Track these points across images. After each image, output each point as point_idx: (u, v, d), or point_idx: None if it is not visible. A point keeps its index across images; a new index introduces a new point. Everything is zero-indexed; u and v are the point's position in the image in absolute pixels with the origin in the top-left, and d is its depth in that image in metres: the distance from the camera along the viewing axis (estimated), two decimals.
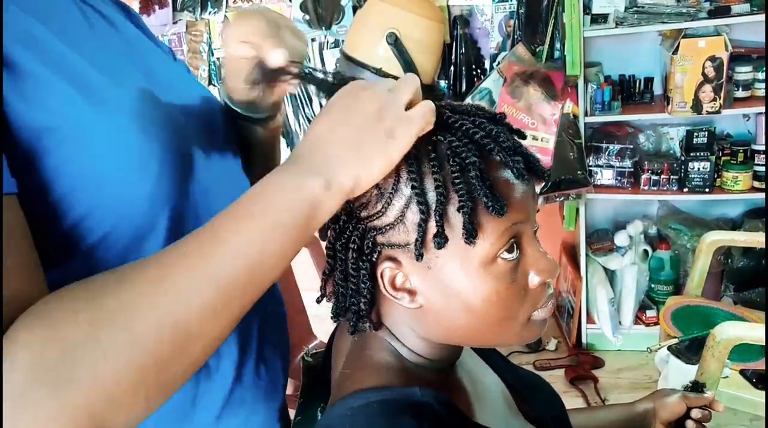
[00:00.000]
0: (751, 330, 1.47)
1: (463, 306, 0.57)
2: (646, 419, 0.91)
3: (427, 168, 0.54)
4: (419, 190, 0.54)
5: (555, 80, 2.26)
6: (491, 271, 0.56)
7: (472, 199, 0.53)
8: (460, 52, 2.45)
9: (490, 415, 0.65)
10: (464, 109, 0.59)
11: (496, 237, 0.55)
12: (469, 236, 0.53)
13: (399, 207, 0.55)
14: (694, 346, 1.63)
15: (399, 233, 0.56)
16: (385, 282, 0.58)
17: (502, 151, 0.55)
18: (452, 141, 0.55)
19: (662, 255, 2.48)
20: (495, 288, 0.56)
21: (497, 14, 2.42)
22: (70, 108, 0.54)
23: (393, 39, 2.02)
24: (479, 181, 0.53)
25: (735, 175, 2.25)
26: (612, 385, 2.36)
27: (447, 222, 0.54)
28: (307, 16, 2.56)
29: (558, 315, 2.80)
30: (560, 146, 2.24)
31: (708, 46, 2.11)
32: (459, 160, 0.54)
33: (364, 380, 0.60)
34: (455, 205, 0.54)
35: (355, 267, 0.58)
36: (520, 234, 0.57)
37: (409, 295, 0.58)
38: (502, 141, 0.55)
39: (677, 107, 2.19)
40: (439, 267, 0.56)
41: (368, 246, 0.57)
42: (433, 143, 0.55)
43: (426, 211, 0.54)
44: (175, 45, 2.75)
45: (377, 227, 0.56)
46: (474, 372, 0.69)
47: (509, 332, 0.59)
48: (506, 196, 0.55)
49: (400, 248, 0.56)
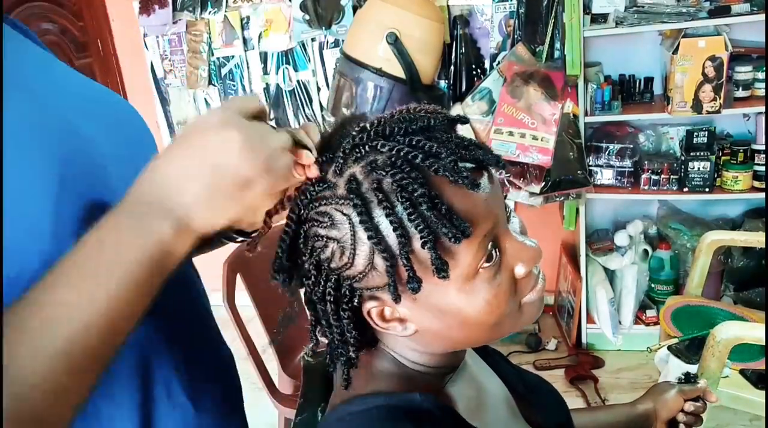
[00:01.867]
0: (751, 330, 1.47)
1: (458, 322, 0.56)
2: (647, 420, 0.90)
3: (378, 211, 0.51)
4: (377, 238, 0.51)
5: (555, 80, 2.26)
6: (477, 283, 0.55)
7: (433, 232, 0.51)
8: (460, 52, 2.45)
9: (491, 420, 0.64)
10: (395, 127, 0.53)
11: (472, 257, 0.53)
12: (440, 271, 0.51)
13: (364, 255, 0.53)
14: (694, 346, 1.64)
15: (373, 278, 0.54)
16: (374, 318, 0.57)
17: (446, 169, 0.51)
18: (395, 173, 0.51)
19: (662, 255, 2.48)
20: (484, 297, 0.55)
21: (497, 14, 2.42)
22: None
23: (393, 39, 2.02)
24: (433, 212, 0.50)
25: (735, 175, 2.25)
26: (612, 385, 2.36)
27: (416, 259, 0.52)
28: (307, 16, 2.56)
29: (558, 315, 2.79)
30: (560, 146, 2.24)
31: (708, 46, 2.11)
32: (407, 194, 0.50)
33: (363, 386, 0.60)
34: (418, 240, 0.51)
35: (336, 318, 0.56)
36: (495, 237, 0.56)
37: (400, 324, 0.57)
38: (444, 156, 0.52)
39: (677, 107, 2.19)
40: (424, 295, 0.54)
41: (345, 294, 0.55)
42: (376, 181, 0.52)
43: (392, 257, 0.52)
44: (175, 45, 2.75)
45: (350, 276, 0.54)
46: (476, 376, 0.69)
47: (507, 325, 0.59)
48: (466, 212, 0.52)
49: (380, 289, 0.54)
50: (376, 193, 0.51)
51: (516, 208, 2.73)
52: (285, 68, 2.67)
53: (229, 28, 2.67)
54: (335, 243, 0.54)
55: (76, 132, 0.60)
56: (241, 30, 2.66)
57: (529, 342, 2.61)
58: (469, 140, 0.56)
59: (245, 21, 2.66)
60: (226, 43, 2.69)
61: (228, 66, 2.73)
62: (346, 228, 0.53)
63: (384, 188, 0.52)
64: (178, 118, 2.89)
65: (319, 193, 0.55)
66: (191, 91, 2.82)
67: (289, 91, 2.70)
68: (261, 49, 2.67)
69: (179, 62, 2.77)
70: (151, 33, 2.77)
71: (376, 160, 0.53)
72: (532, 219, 2.70)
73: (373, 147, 0.53)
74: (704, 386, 0.91)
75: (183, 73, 2.77)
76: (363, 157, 0.53)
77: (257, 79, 2.73)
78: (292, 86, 2.69)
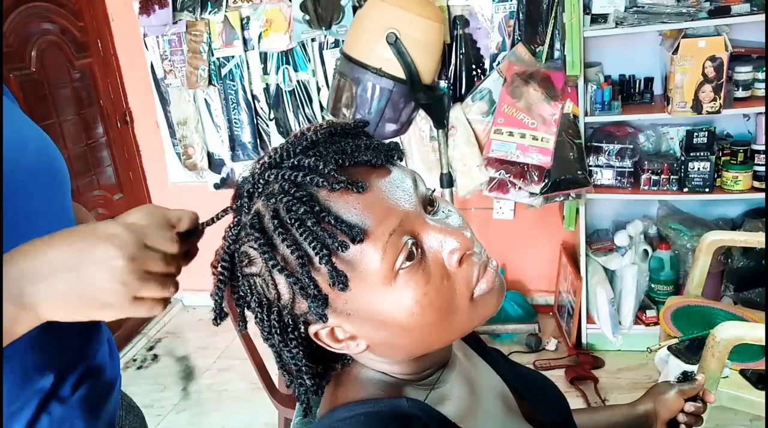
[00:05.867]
0: (751, 330, 1.47)
1: (398, 329, 0.55)
2: (647, 420, 0.90)
3: (277, 238, 0.52)
4: (280, 265, 0.52)
5: (555, 80, 2.26)
6: (399, 285, 0.53)
7: (325, 245, 0.51)
8: (460, 52, 2.45)
9: (485, 417, 0.64)
10: (283, 153, 0.55)
11: (380, 259, 0.52)
12: (337, 283, 0.52)
13: (283, 283, 0.54)
14: (694, 346, 1.63)
15: (301, 303, 0.55)
16: (324, 340, 0.57)
17: (324, 179, 0.52)
18: (282, 198, 0.52)
19: (662, 255, 2.48)
20: (413, 297, 0.53)
21: (497, 14, 2.42)
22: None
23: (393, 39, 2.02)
24: (320, 226, 0.51)
25: (735, 175, 2.25)
26: (612, 385, 2.36)
27: (321, 277, 0.53)
28: (307, 16, 2.56)
29: (558, 315, 2.80)
30: (560, 146, 2.24)
31: (708, 46, 2.11)
32: (294, 215, 0.51)
33: (350, 393, 0.60)
34: (316, 257, 0.52)
35: (287, 347, 0.57)
36: (410, 232, 0.54)
37: (352, 341, 0.57)
38: (321, 168, 0.52)
39: (677, 107, 2.19)
40: (354, 308, 0.54)
41: (289, 323, 0.56)
42: (272, 210, 0.53)
43: (297, 280, 0.53)
44: (175, 45, 2.75)
45: (284, 306, 0.56)
46: (470, 372, 0.69)
47: (461, 322, 0.56)
48: (360, 216, 0.52)
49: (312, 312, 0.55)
50: (273, 222, 0.53)
51: (516, 208, 2.74)
52: (285, 68, 2.67)
53: (229, 28, 2.67)
54: (259, 279, 0.55)
55: None
56: (241, 30, 2.66)
57: (529, 342, 2.61)
58: (361, 143, 0.56)
59: (245, 21, 2.66)
60: (226, 43, 2.69)
61: (228, 66, 2.73)
62: (260, 263, 0.55)
63: (280, 215, 0.53)
64: (178, 118, 2.89)
65: (234, 235, 0.57)
66: (191, 91, 2.82)
67: (289, 91, 2.70)
68: (261, 49, 2.67)
69: (179, 62, 2.77)
70: (151, 33, 2.77)
71: (273, 189, 0.54)
72: (532, 219, 2.70)
73: (266, 179, 0.54)
74: (703, 382, 0.90)
75: (183, 73, 2.77)
76: (263, 191, 0.55)
77: (257, 79, 2.73)
78: (292, 86, 2.69)
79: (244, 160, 2.86)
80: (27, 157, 0.73)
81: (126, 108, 3.06)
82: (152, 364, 2.83)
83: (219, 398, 2.51)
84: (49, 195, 0.76)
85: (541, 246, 2.79)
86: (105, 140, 2.94)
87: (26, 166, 0.72)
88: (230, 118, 2.81)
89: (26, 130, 0.76)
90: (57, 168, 0.78)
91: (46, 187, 0.76)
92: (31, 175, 0.73)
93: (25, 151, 0.73)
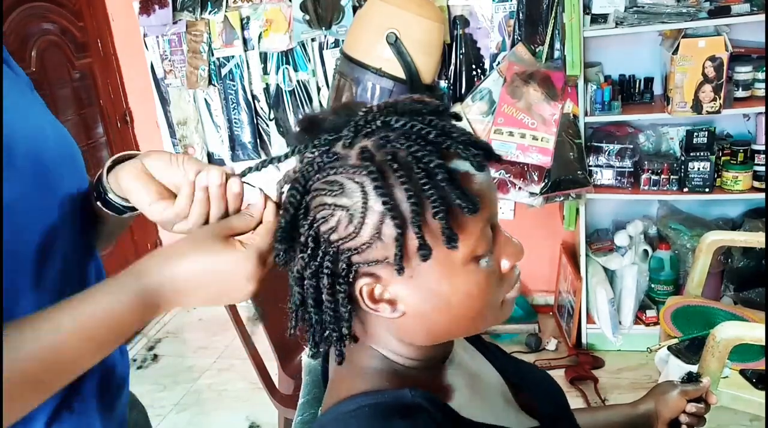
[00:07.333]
0: (751, 330, 1.47)
1: (446, 306, 0.57)
2: (648, 420, 0.90)
3: (393, 179, 0.52)
4: (391, 204, 0.52)
5: (555, 80, 2.26)
6: (471, 268, 0.56)
7: (447, 203, 0.52)
8: (460, 52, 2.45)
9: (485, 409, 0.65)
10: (408, 107, 0.56)
11: (475, 238, 0.55)
12: (450, 241, 0.53)
13: (372, 224, 0.53)
14: (694, 346, 1.64)
15: (376, 250, 0.54)
16: (364, 298, 0.57)
17: (459, 146, 0.53)
18: (410, 146, 0.52)
19: (662, 255, 2.48)
20: (476, 281, 0.57)
21: (497, 14, 2.42)
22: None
23: (393, 39, 2.02)
24: (449, 184, 0.52)
25: (735, 175, 2.25)
26: (612, 385, 2.36)
27: (427, 229, 0.53)
28: (307, 16, 2.56)
29: (558, 315, 2.80)
30: (560, 146, 2.24)
31: (708, 46, 2.11)
32: (423, 165, 0.52)
33: (354, 385, 0.60)
34: (430, 212, 0.52)
35: (331, 293, 0.56)
36: (492, 226, 0.58)
37: (389, 305, 0.57)
38: (456, 136, 0.54)
39: (677, 107, 2.19)
40: (422, 274, 0.55)
41: (343, 268, 0.55)
42: (391, 153, 0.53)
43: (403, 225, 0.52)
44: (175, 45, 2.75)
45: (352, 248, 0.54)
46: (469, 365, 0.69)
47: (488, 318, 0.60)
48: (473, 192, 0.53)
49: (379, 263, 0.55)
50: (390, 163, 0.52)
51: (516, 208, 2.74)
52: (285, 68, 2.67)
53: (229, 28, 2.67)
54: (343, 212, 0.54)
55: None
56: (241, 30, 2.66)
57: (529, 342, 2.61)
58: (472, 134, 0.58)
59: (245, 21, 2.66)
60: (226, 43, 2.69)
61: (228, 66, 2.73)
62: (357, 196, 0.53)
63: (399, 159, 0.52)
64: (178, 118, 2.89)
65: (327, 163, 0.55)
66: (191, 91, 2.82)
67: (289, 91, 2.70)
68: (261, 49, 2.67)
69: (179, 62, 2.77)
70: (151, 33, 2.77)
71: (388, 135, 0.54)
72: (532, 219, 2.70)
73: (386, 122, 0.54)
74: (708, 384, 0.90)
75: (183, 73, 2.77)
76: (374, 133, 0.54)
77: (257, 79, 2.73)
78: (292, 86, 2.69)
79: (244, 159, 2.86)
80: (48, 143, 0.73)
81: (126, 108, 3.07)
82: (152, 364, 2.83)
83: (219, 398, 2.51)
84: (71, 181, 0.75)
85: (541, 246, 2.79)
86: (105, 140, 2.94)
87: (49, 152, 0.72)
88: (230, 118, 2.81)
89: (44, 116, 0.76)
90: (75, 155, 0.78)
91: (70, 172, 0.75)
92: (54, 162, 0.72)
93: (47, 138, 0.73)
